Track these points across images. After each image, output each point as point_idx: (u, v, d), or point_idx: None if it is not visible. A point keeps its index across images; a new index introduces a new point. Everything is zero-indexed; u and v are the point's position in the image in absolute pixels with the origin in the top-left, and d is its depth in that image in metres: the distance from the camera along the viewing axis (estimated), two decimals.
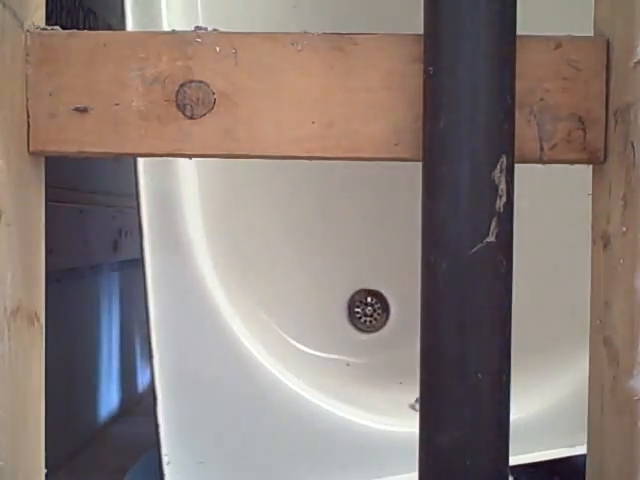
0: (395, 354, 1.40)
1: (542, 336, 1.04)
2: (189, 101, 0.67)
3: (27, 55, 0.67)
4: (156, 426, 1.00)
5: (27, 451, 0.68)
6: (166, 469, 1.00)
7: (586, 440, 0.70)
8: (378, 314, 1.52)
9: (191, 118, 0.67)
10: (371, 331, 1.52)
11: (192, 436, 1.03)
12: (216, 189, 1.42)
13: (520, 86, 0.65)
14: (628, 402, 0.63)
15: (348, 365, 1.40)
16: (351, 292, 1.52)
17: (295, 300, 1.48)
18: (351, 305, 1.53)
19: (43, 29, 0.68)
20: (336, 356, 1.38)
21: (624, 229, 0.63)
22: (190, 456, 1.02)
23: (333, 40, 0.67)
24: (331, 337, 1.45)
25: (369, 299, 1.53)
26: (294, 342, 1.34)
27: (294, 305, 1.47)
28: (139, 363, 2.13)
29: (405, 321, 1.48)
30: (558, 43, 0.67)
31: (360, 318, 1.53)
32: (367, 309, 1.53)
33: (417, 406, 1.18)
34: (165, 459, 1.00)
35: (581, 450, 0.97)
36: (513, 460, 0.64)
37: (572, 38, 0.67)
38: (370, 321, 1.52)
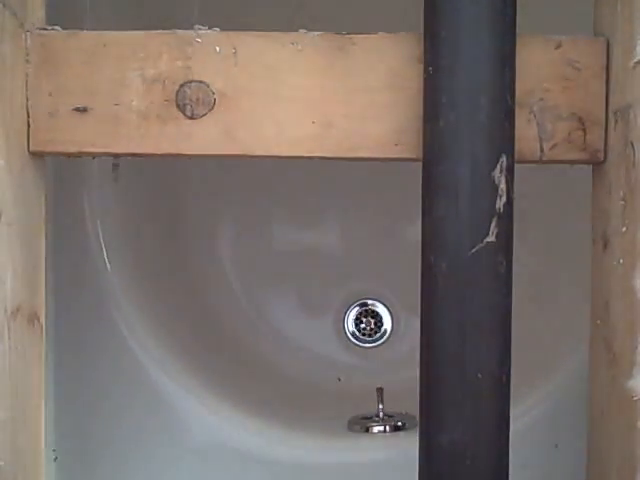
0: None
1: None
2: (189, 101, 0.67)
3: (27, 55, 0.67)
4: None
5: (27, 451, 0.68)
6: (53, 466, 0.99)
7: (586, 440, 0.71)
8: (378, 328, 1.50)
9: (191, 118, 0.67)
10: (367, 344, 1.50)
11: (82, 435, 1.01)
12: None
13: (520, 86, 0.65)
14: (628, 402, 0.63)
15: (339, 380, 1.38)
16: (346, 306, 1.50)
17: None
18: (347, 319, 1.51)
19: (43, 29, 0.68)
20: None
21: (624, 229, 0.63)
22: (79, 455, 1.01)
23: (333, 40, 0.67)
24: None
25: (366, 313, 1.51)
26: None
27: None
28: None
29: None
30: (558, 43, 0.67)
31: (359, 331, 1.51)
32: (364, 322, 1.51)
33: (352, 427, 1.18)
34: (52, 455, 0.99)
35: None
36: None
37: (572, 38, 0.67)
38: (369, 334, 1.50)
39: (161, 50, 0.67)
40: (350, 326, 1.51)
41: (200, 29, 0.67)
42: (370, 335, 1.50)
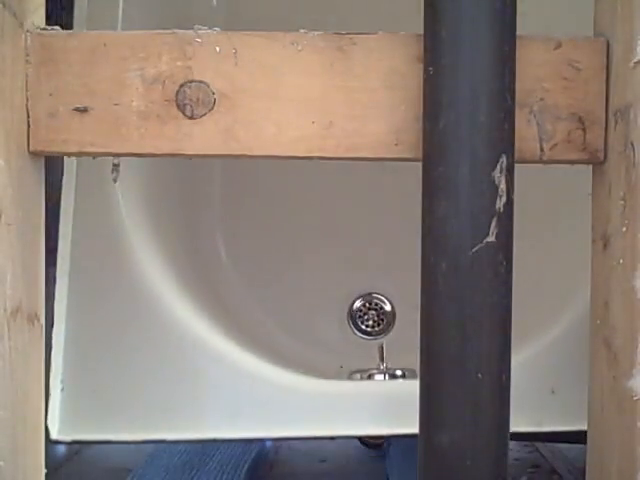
0: None
1: None
2: (189, 101, 0.67)
3: (27, 55, 0.67)
4: (48, 349, 1.00)
5: (27, 451, 0.68)
6: (59, 396, 1.00)
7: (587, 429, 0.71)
8: (381, 320, 1.53)
9: (191, 118, 0.67)
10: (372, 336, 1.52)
11: (89, 365, 1.03)
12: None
13: (520, 86, 0.65)
14: (628, 402, 0.63)
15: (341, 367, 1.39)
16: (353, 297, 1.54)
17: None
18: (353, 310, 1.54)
19: (43, 29, 0.68)
20: None
21: (624, 229, 0.63)
22: (86, 384, 1.02)
23: (333, 40, 0.67)
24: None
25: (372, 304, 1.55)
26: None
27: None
28: None
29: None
30: (558, 43, 0.67)
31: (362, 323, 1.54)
32: (369, 313, 1.54)
33: (353, 376, 1.19)
34: (60, 385, 1.01)
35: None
36: None
37: (572, 38, 0.67)
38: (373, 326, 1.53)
39: (161, 50, 0.67)
40: (354, 318, 1.54)
41: (200, 29, 0.67)
42: (373, 327, 1.53)
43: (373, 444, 1.47)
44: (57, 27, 0.68)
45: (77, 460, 1.44)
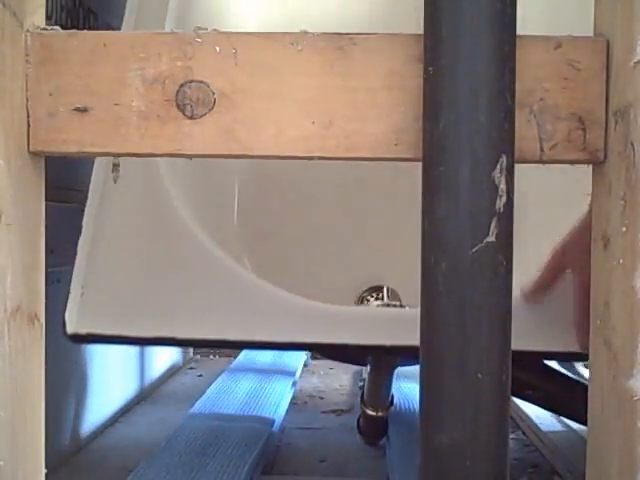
0: None
1: None
2: (189, 101, 0.67)
3: (27, 55, 0.67)
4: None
5: (27, 451, 0.68)
6: (78, 300, 1.02)
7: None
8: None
9: (191, 118, 0.67)
10: None
11: (110, 272, 1.06)
12: None
13: (520, 86, 0.65)
14: (628, 402, 0.63)
15: None
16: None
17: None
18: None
19: (43, 29, 0.68)
20: None
21: (624, 229, 0.63)
22: (105, 289, 1.04)
23: (333, 40, 0.67)
24: None
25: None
26: None
27: None
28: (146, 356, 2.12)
29: None
30: (558, 43, 0.67)
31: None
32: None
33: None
34: (80, 291, 1.03)
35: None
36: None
37: (572, 38, 0.67)
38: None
39: (161, 50, 0.67)
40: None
41: (200, 29, 0.67)
42: None
43: (372, 438, 1.48)
44: (57, 27, 0.68)
45: (77, 460, 1.44)
